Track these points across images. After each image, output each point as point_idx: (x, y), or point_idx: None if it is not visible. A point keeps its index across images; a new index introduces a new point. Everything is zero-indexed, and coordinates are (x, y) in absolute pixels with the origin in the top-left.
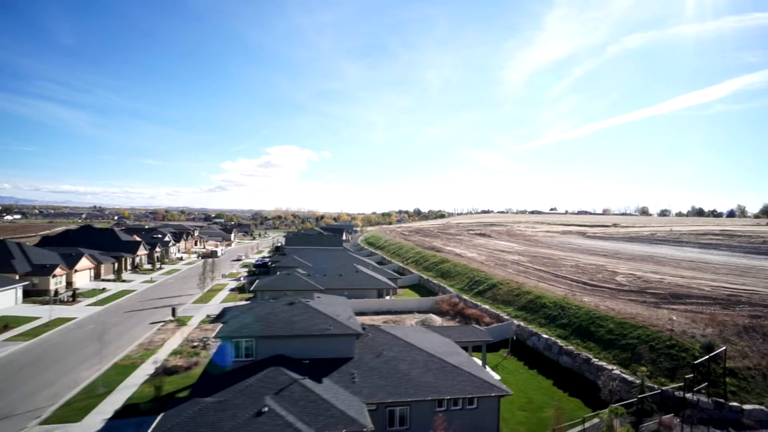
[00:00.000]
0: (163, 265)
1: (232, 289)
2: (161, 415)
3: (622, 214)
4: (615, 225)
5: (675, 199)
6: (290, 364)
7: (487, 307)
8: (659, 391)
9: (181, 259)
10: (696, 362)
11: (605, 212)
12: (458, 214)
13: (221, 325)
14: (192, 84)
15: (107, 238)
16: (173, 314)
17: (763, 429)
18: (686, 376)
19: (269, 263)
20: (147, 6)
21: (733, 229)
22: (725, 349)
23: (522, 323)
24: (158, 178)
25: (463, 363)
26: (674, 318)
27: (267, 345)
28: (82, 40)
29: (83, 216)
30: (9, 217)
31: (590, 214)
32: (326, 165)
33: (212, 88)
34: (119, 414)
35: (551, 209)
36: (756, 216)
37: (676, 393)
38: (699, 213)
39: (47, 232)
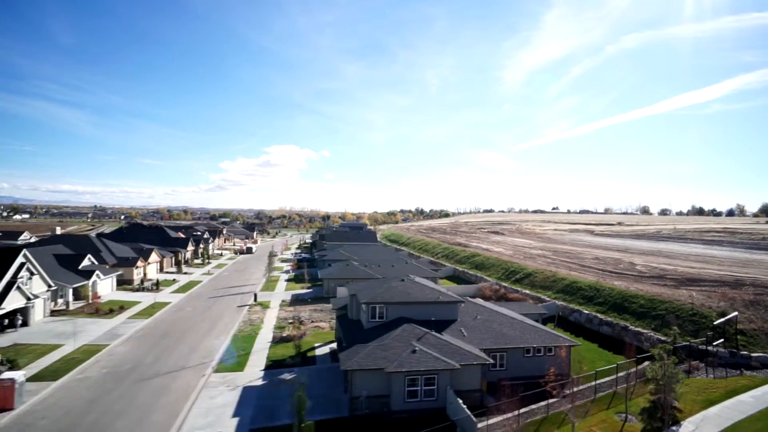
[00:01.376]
0: (210, 260)
1: (286, 280)
2: (344, 352)
3: (624, 213)
4: (620, 223)
5: (674, 199)
6: (414, 323)
7: (527, 291)
8: (687, 344)
9: (221, 254)
10: (715, 323)
11: (607, 211)
12: (462, 214)
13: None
14: (191, 83)
15: (158, 234)
16: (255, 299)
17: (765, 368)
18: (708, 333)
19: (315, 257)
20: (146, 6)
21: (735, 227)
22: (736, 315)
23: (563, 303)
24: (157, 177)
25: (537, 324)
26: (694, 294)
27: (395, 309)
28: (81, 40)
29: (89, 216)
30: (18, 217)
31: (592, 213)
32: (326, 165)
33: (211, 87)
34: (269, 367)
35: (553, 208)
36: (755, 215)
37: (700, 346)
38: (699, 212)
39: (70, 229)
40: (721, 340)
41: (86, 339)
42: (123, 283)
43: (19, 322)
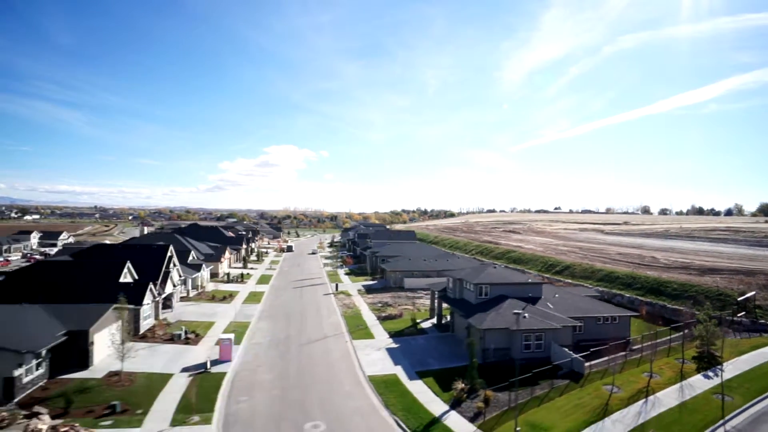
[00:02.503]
0: (263, 257)
1: (346, 273)
2: (472, 318)
3: (625, 213)
4: (626, 223)
5: (673, 198)
6: (511, 299)
7: (569, 281)
8: (718, 315)
9: (266, 252)
10: (738, 300)
11: (608, 211)
12: (466, 213)
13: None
14: (190, 84)
15: (214, 234)
16: (336, 288)
17: None
18: (733, 307)
19: (361, 253)
20: (145, 6)
21: (737, 226)
22: (754, 294)
23: (604, 289)
24: (155, 177)
25: (601, 301)
26: (718, 280)
27: (496, 288)
28: (80, 41)
29: (96, 216)
30: (28, 217)
31: (594, 212)
32: (325, 164)
33: (210, 88)
34: (393, 335)
35: (555, 208)
36: (753, 214)
37: (727, 317)
38: (699, 212)
39: (87, 229)
40: (743, 313)
41: (228, 318)
42: (211, 276)
43: (170, 304)
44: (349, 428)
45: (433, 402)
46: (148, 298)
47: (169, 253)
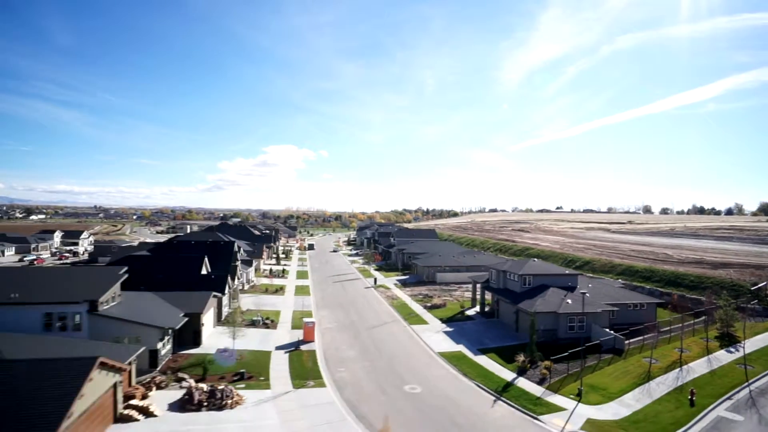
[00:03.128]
0: (290, 255)
1: (375, 269)
2: (520, 304)
3: (626, 212)
4: (630, 222)
5: (673, 197)
6: (552, 285)
7: (590, 275)
8: (733, 302)
9: (291, 250)
10: (751, 289)
11: (610, 210)
12: (469, 213)
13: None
14: (189, 84)
15: (244, 232)
16: (375, 282)
17: None
18: (747, 295)
19: (388, 251)
20: (144, 6)
21: (741, 225)
22: (765, 284)
23: (625, 281)
24: (154, 177)
25: (629, 291)
26: (731, 272)
27: (537, 279)
28: (79, 41)
29: (101, 216)
30: (34, 217)
31: (596, 212)
32: (324, 164)
33: (209, 87)
34: (446, 321)
35: (557, 208)
36: (754, 213)
37: (741, 305)
38: (700, 211)
39: (97, 228)
40: (755, 300)
41: (289, 308)
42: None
43: (235, 296)
44: (439, 389)
45: (501, 371)
46: (226, 289)
47: (234, 249)
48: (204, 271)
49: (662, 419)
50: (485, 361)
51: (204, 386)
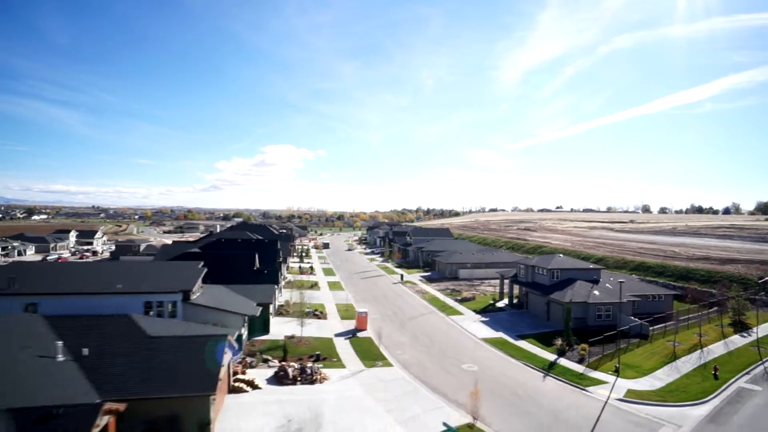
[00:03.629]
0: (309, 253)
1: (396, 266)
2: (552, 294)
3: (625, 212)
4: (632, 221)
5: (671, 196)
6: (579, 279)
7: (605, 271)
8: (744, 294)
9: (308, 249)
10: (759, 282)
11: (609, 210)
12: (470, 213)
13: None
14: (187, 83)
15: (264, 231)
16: (402, 278)
17: None
18: (756, 287)
19: (406, 249)
20: (142, 6)
21: (741, 224)
22: None
23: (638, 276)
24: (151, 177)
25: (648, 284)
26: (739, 267)
27: (564, 273)
28: (76, 40)
29: (101, 216)
30: (36, 217)
31: (595, 211)
32: (322, 164)
33: (207, 87)
34: (479, 312)
35: (557, 207)
36: (751, 213)
37: (750, 297)
38: (699, 210)
39: (103, 229)
40: (763, 292)
41: (330, 300)
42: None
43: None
44: (493, 368)
45: (542, 353)
46: (279, 283)
47: (278, 247)
48: (255, 267)
49: (692, 389)
50: (526, 345)
51: (295, 364)
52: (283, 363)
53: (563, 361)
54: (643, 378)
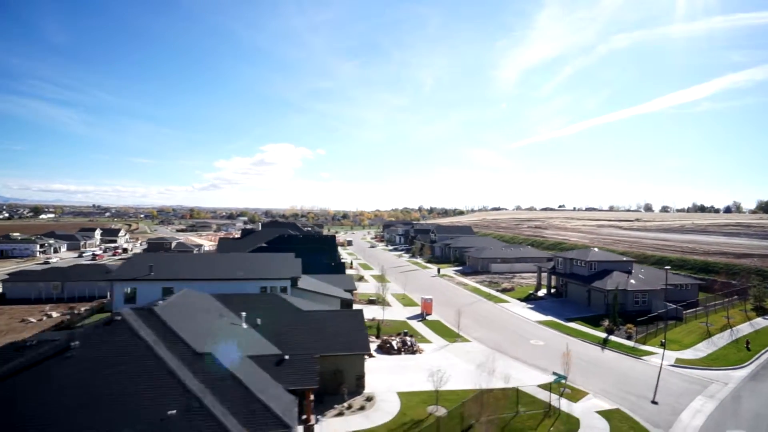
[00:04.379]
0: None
1: (427, 262)
2: (594, 284)
3: (627, 210)
4: (638, 219)
5: (671, 195)
6: (614, 270)
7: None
8: (763, 283)
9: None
10: None
11: (611, 208)
12: (473, 211)
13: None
14: (186, 83)
15: (293, 228)
16: (438, 272)
17: None
18: None
19: (431, 246)
20: (140, 5)
21: (748, 221)
22: None
23: (661, 270)
24: (150, 176)
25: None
26: (755, 260)
27: (599, 264)
28: (75, 40)
29: (107, 215)
30: (44, 216)
31: (598, 210)
32: (321, 163)
33: (206, 86)
34: (523, 300)
35: (560, 206)
36: (753, 211)
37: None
38: (701, 209)
39: (115, 227)
40: None
41: (387, 291)
42: None
43: None
44: (555, 343)
45: (593, 332)
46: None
47: (337, 241)
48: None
49: (730, 358)
50: (576, 326)
51: (396, 338)
52: (385, 337)
53: (613, 338)
54: (687, 350)
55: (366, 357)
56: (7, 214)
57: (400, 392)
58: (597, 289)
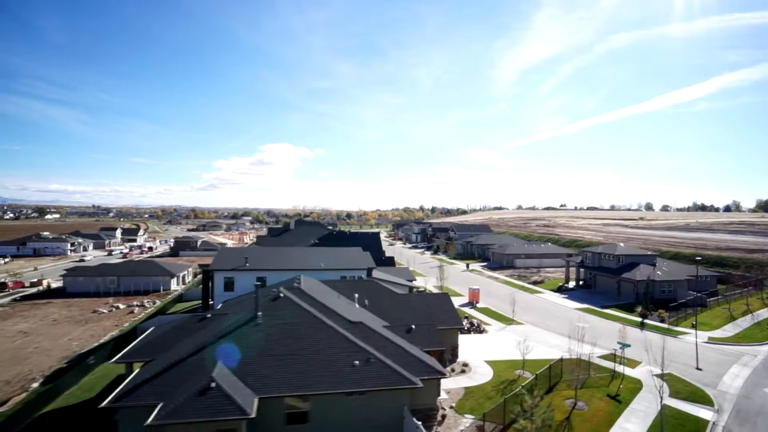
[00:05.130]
0: None
1: (453, 258)
2: (625, 274)
3: (628, 209)
4: (642, 218)
5: (670, 195)
6: (640, 263)
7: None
8: None
9: None
10: None
11: (612, 208)
12: (476, 211)
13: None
14: (184, 82)
15: (318, 226)
16: (467, 267)
17: None
18: None
19: (451, 243)
20: (139, 5)
21: (750, 220)
22: None
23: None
24: (149, 176)
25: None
26: (766, 255)
27: (626, 258)
28: (73, 39)
29: (110, 215)
30: (50, 216)
31: (599, 209)
32: (320, 163)
33: (204, 86)
34: (555, 291)
35: (561, 205)
36: (753, 210)
37: None
38: (701, 208)
39: (126, 226)
40: None
41: (426, 283)
42: None
43: None
44: (598, 325)
45: (628, 317)
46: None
47: (380, 237)
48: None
49: (756, 336)
50: (612, 312)
51: (465, 320)
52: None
53: (648, 321)
54: (715, 330)
55: (459, 331)
56: (12, 215)
57: (488, 360)
58: (627, 279)
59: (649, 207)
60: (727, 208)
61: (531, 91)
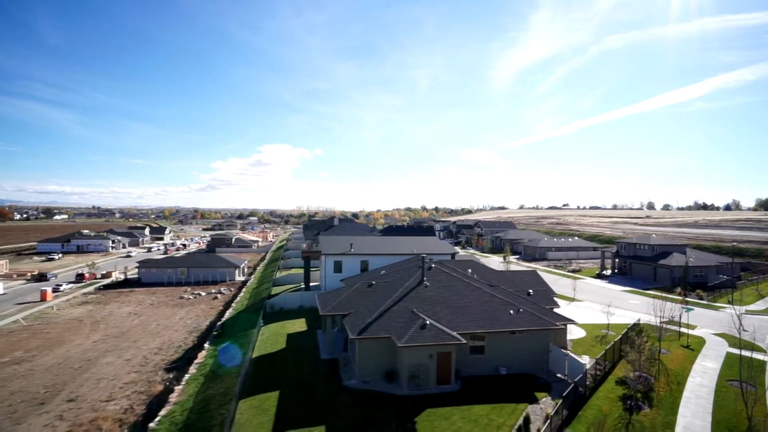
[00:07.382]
0: None
1: (484, 252)
2: (661, 261)
3: (630, 208)
4: (648, 217)
5: (669, 194)
6: (672, 252)
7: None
8: None
9: None
10: None
11: (614, 207)
12: (480, 210)
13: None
14: (182, 83)
15: (357, 224)
16: (504, 259)
17: None
18: None
19: (477, 238)
20: (136, 6)
21: (757, 217)
22: None
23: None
24: (147, 177)
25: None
26: None
27: (660, 248)
28: (70, 40)
29: (117, 215)
30: (59, 217)
31: (601, 208)
32: (319, 163)
33: (203, 88)
34: (594, 277)
35: (564, 205)
36: (754, 209)
37: None
38: (703, 207)
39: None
40: None
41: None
42: None
43: None
44: (647, 302)
45: (669, 296)
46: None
47: (435, 230)
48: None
49: None
50: (655, 292)
51: None
52: None
53: (689, 299)
54: (750, 305)
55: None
56: (23, 215)
57: (577, 324)
58: (663, 266)
59: (651, 206)
60: (728, 207)
61: (528, 92)
